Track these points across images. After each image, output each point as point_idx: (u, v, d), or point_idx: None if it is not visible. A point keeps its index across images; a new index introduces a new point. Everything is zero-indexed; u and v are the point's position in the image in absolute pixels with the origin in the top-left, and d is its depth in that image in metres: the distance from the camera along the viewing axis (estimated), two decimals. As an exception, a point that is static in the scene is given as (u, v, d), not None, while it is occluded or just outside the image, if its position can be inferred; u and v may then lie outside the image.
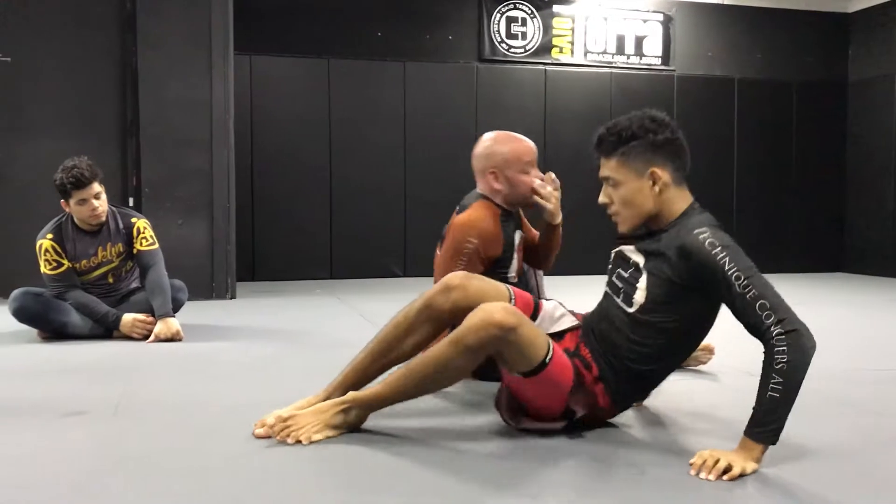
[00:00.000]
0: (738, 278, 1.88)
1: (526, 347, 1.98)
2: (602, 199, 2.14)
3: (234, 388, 2.73)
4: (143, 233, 3.86)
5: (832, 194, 8.23)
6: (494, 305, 1.99)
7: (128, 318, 3.72)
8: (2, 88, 5.25)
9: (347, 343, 3.65)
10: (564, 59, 7.57)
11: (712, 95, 7.91)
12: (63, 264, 3.73)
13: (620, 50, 7.69)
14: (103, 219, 3.76)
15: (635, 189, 2.06)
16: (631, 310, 2.06)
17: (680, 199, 2.08)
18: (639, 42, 7.74)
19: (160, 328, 3.66)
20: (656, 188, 2.05)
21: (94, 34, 5.38)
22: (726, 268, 1.89)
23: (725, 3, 7.94)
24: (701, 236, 1.93)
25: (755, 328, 1.88)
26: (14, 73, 5.25)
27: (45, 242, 3.72)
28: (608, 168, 2.10)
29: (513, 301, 2.24)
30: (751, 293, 1.87)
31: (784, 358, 1.81)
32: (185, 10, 5.36)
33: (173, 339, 3.65)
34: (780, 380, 1.81)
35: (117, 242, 3.82)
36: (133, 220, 3.88)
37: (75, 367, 3.09)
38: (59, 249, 3.72)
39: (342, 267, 6.97)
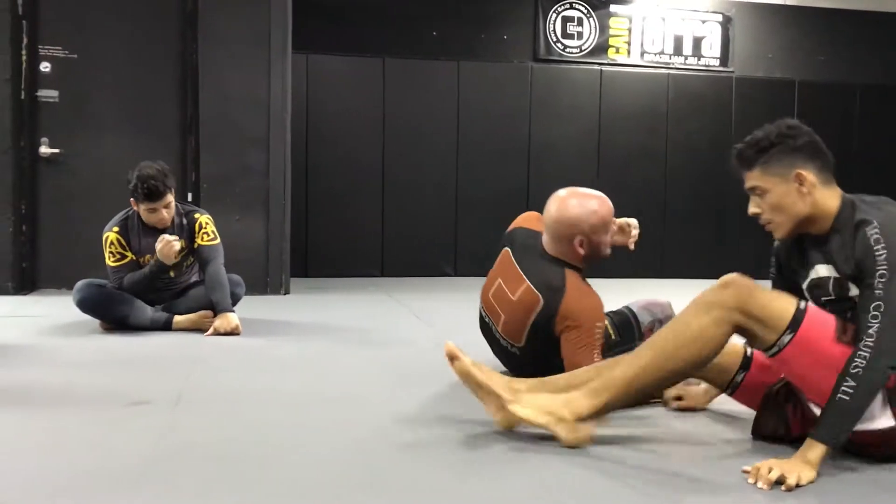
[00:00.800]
0: (881, 276, 1.87)
1: (773, 300, 1.96)
2: (753, 209, 2.15)
3: (290, 382, 2.77)
4: (206, 227, 3.93)
5: None
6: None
7: (160, 248, 3.71)
8: (68, 84, 5.38)
9: (400, 340, 3.68)
10: (621, 59, 7.50)
11: (772, 98, 7.74)
12: (126, 256, 3.82)
13: (678, 51, 7.59)
14: (169, 224, 3.84)
15: (783, 193, 2.07)
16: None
17: (831, 198, 2.08)
18: (697, 43, 7.63)
19: (220, 322, 3.72)
20: (804, 189, 2.05)
21: (156, 31, 5.49)
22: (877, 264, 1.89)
23: (787, 3, 7.78)
24: (870, 232, 1.92)
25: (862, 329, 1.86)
26: (79, 70, 5.38)
27: (110, 235, 3.81)
28: (753, 179, 2.11)
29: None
30: (879, 293, 1.86)
31: (863, 364, 1.79)
32: (245, 9, 5.44)
33: (232, 333, 3.71)
34: (853, 384, 1.78)
35: (181, 238, 3.89)
36: (196, 215, 3.95)
37: (137, 359, 3.16)
38: (123, 242, 3.81)
39: (394, 265, 7.00)
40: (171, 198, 3.79)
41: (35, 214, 5.36)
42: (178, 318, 3.83)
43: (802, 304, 1.95)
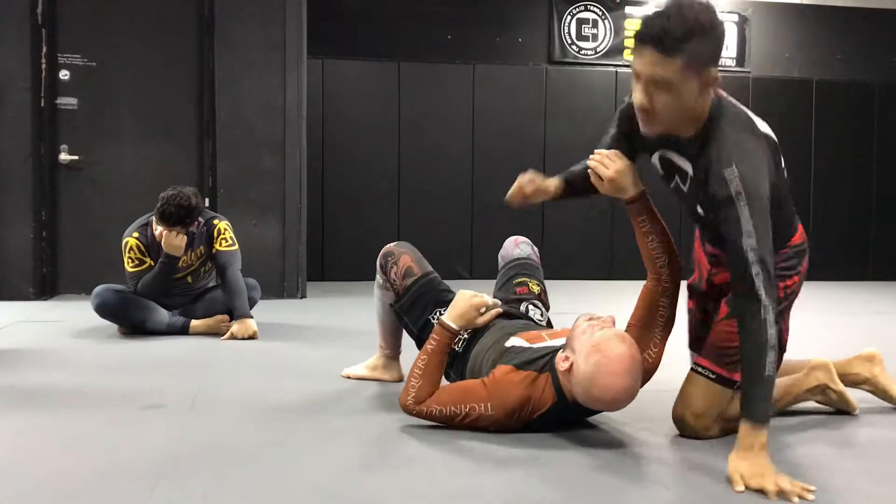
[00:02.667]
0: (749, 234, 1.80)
1: None
2: (642, 99, 1.86)
3: (306, 385, 2.78)
4: (224, 234, 3.96)
5: (916, 200, 7.93)
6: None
7: (166, 243, 3.74)
8: (86, 92, 5.44)
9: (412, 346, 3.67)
10: (636, 60, 7.46)
11: (789, 98, 7.69)
12: (145, 262, 3.86)
13: (694, 51, 7.55)
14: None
15: (689, 94, 1.84)
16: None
17: (708, 100, 1.91)
18: (713, 43, 7.58)
19: (238, 328, 3.75)
20: (705, 91, 1.87)
21: (173, 38, 5.55)
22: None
23: (804, 2, 7.72)
24: (728, 177, 1.81)
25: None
26: (97, 78, 5.45)
27: (130, 240, 3.86)
28: (669, 68, 1.79)
29: None
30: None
31: (774, 333, 1.80)
32: (261, 15, 5.48)
33: (250, 338, 3.74)
34: (771, 357, 1.80)
35: (199, 245, 3.93)
36: (215, 221, 3.99)
37: (154, 363, 3.19)
38: (143, 248, 3.85)
39: (410, 268, 7.01)
40: (182, 231, 3.77)
41: (55, 220, 5.43)
42: (194, 323, 3.87)
43: None
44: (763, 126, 2.03)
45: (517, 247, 2.83)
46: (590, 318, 2.04)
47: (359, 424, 2.26)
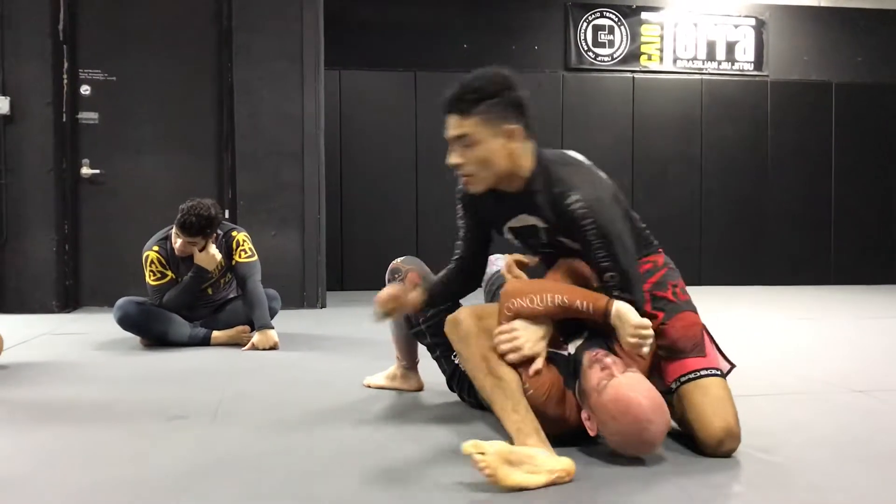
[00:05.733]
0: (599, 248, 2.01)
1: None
2: (455, 160, 2.09)
3: (327, 395, 2.79)
4: (243, 245, 3.99)
5: (939, 202, 7.84)
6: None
7: (200, 258, 3.82)
8: (107, 106, 5.51)
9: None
10: (653, 66, 7.46)
11: (808, 101, 7.65)
12: (167, 275, 3.89)
13: (711, 56, 7.53)
14: (186, 255, 3.87)
15: (492, 147, 2.05)
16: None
17: (528, 156, 2.09)
18: (730, 47, 7.56)
19: (259, 339, 3.76)
20: (513, 145, 2.05)
21: (191, 52, 5.60)
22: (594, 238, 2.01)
23: (822, 5, 7.68)
24: (573, 206, 2.01)
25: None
26: (117, 92, 5.51)
27: (151, 254, 3.89)
28: (465, 127, 2.05)
29: None
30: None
31: None
32: (278, 27, 5.52)
33: (272, 349, 3.75)
34: None
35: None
36: (233, 233, 4.01)
37: (176, 374, 3.21)
38: (164, 261, 3.89)
39: (429, 277, 7.01)
40: (200, 241, 3.82)
41: (77, 234, 5.49)
42: (216, 334, 3.89)
43: None
44: (590, 163, 2.23)
45: (493, 264, 2.79)
46: (593, 362, 1.95)
47: (380, 434, 2.26)
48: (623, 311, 1.94)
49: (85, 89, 5.48)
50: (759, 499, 1.73)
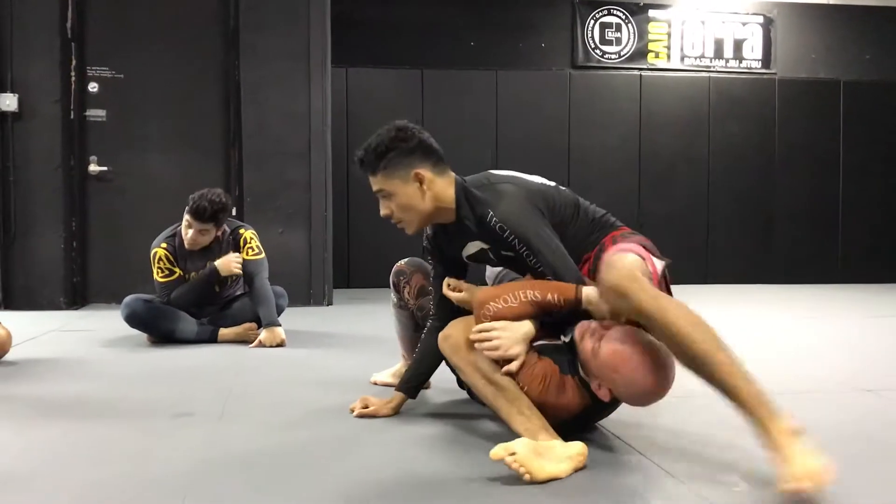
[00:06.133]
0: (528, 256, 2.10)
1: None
2: (384, 211, 2.26)
3: (334, 393, 2.79)
4: (250, 242, 4.00)
5: (948, 201, 7.81)
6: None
7: (221, 263, 3.86)
8: (115, 104, 5.52)
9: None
10: (660, 64, 7.44)
11: (816, 99, 7.62)
12: (175, 272, 3.90)
13: (719, 54, 7.51)
14: (197, 249, 3.91)
15: (407, 194, 2.19)
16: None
17: (449, 188, 2.23)
18: (738, 45, 7.54)
19: (266, 336, 3.77)
20: (424, 187, 2.19)
21: (199, 50, 5.61)
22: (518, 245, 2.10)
23: (830, 2, 7.65)
24: (492, 224, 2.11)
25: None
26: (125, 89, 5.52)
27: (159, 251, 3.91)
28: (377, 183, 2.22)
29: None
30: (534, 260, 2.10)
31: None
32: (285, 25, 5.53)
33: (279, 346, 3.76)
34: None
35: (226, 253, 3.97)
36: (241, 230, 4.04)
37: (183, 371, 3.22)
38: (172, 258, 3.90)
39: (435, 275, 7.01)
40: (211, 229, 3.85)
41: (85, 231, 5.50)
42: (223, 331, 3.90)
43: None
44: (512, 174, 2.32)
45: None
46: (584, 333, 1.96)
47: (387, 431, 2.26)
48: (592, 294, 2.00)
49: (93, 87, 5.50)
50: (768, 497, 1.72)
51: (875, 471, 1.94)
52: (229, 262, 3.88)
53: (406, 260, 2.79)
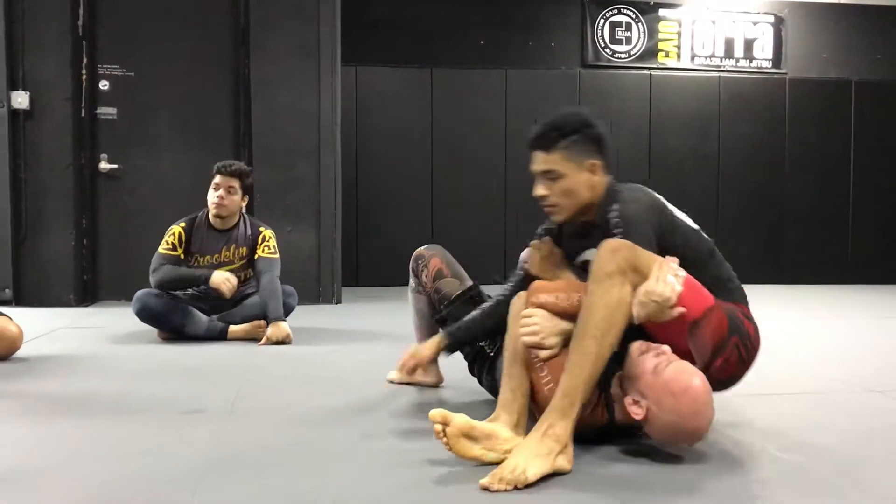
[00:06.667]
0: None
1: (650, 262, 1.96)
2: (541, 192, 2.24)
3: (343, 390, 2.80)
4: (268, 241, 4.06)
5: (959, 201, 7.76)
6: (607, 241, 1.99)
7: (218, 274, 3.88)
8: (125, 102, 5.54)
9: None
10: (670, 63, 7.42)
11: (827, 99, 7.59)
12: (177, 251, 3.96)
13: (729, 53, 7.49)
14: (224, 214, 3.99)
15: (576, 180, 2.20)
16: None
17: (603, 186, 2.24)
18: (748, 45, 7.51)
19: (272, 331, 3.79)
20: (595, 178, 2.21)
21: (209, 48, 5.63)
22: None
23: (841, 2, 7.61)
24: (611, 216, 2.11)
25: None
26: (136, 88, 5.54)
27: (176, 228, 4.00)
28: (550, 162, 2.20)
29: None
30: None
31: None
32: (295, 24, 5.54)
33: (284, 341, 3.77)
34: None
35: (242, 246, 4.04)
36: (261, 228, 4.12)
37: (193, 368, 3.23)
38: (183, 238, 3.98)
39: (444, 274, 7.01)
40: (235, 183, 3.99)
41: (95, 228, 5.53)
42: (233, 328, 3.92)
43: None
44: (661, 198, 2.25)
45: None
46: (645, 351, 1.96)
47: (396, 429, 2.26)
48: (638, 295, 1.93)
49: (104, 85, 5.52)
50: (777, 499, 1.72)
51: (884, 473, 1.93)
52: (222, 279, 3.86)
53: (426, 245, 2.80)
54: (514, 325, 2.10)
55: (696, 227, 2.28)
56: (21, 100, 5.20)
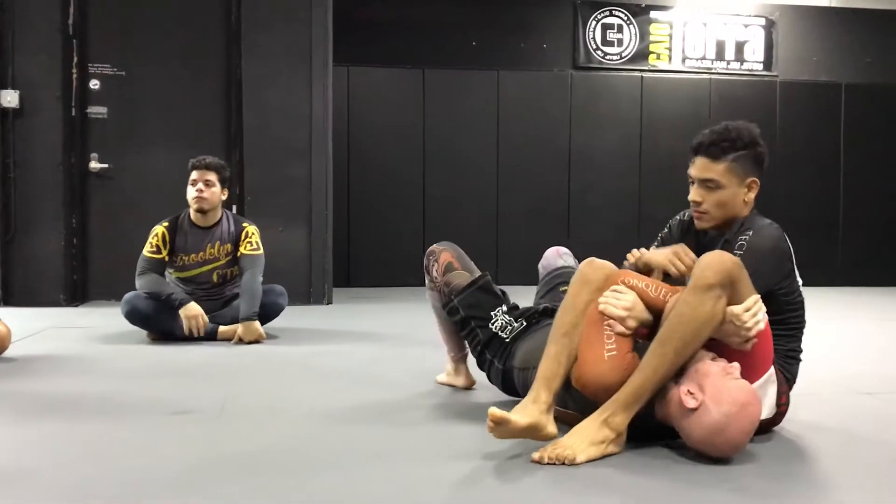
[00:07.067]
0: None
1: (749, 289, 1.99)
2: (696, 197, 2.25)
3: (332, 391, 2.79)
4: (250, 237, 4.03)
5: (948, 204, 7.81)
6: (719, 251, 2.02)
7: (194, 307, 3.83)
8: (116, 101, 5.52)
9: (439, 349, 3.67)
10: (662, 65, 7.44)
11: (817, 102, 7.62)
12: (161, 253, 3.93)
13: (720, 56, 7.51)
14: (206, 207, 3.96)
15: (734, 194, 2.22)
16: None
17: (751, 205, 2.28)
18: (739, 47, 7.54)
19: (242, 331, 3.79)
20: (750, 195, 2.24)
21: (200, 48, 5.61)
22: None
23: (832, 5, 7.65)
24: (740, 239, 2.15)
25: None
26: (127, 87, 5.53)
27: (159, 228, 3.97)
28: (714, 171, 2.21)
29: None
30: None
31: None
32: (287, 24, 5.53)
33: (256, 341, 3.78)
34: None
35: (227, 243, 4.02)
36: (244, 224, 4.09)
37: (183, 368, 3.22)
38: (167, 238, 3.95)
39: (435, 274, 7.01)
40: (212, 177, 3.96)
41: (85, 228, 5.51)
42: (222, 329, 3.91)
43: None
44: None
45: (560, 257, 2.86)
46: (716, 359, 1.99)
47: (387, 432, 2.26)
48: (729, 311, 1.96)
49: (94, 84, 5.50)
50: (766, 500, 1.73)
51: (869, 474, 1.94)
52: (194, 314, 3.81)
53: (438, 242, 2.79)
54: (586, 292, 2.11)
55: (802, 296, 2.29)
56: (11, 98, 5.18)
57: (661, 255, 2.26)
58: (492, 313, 2.50)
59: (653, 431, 2.07)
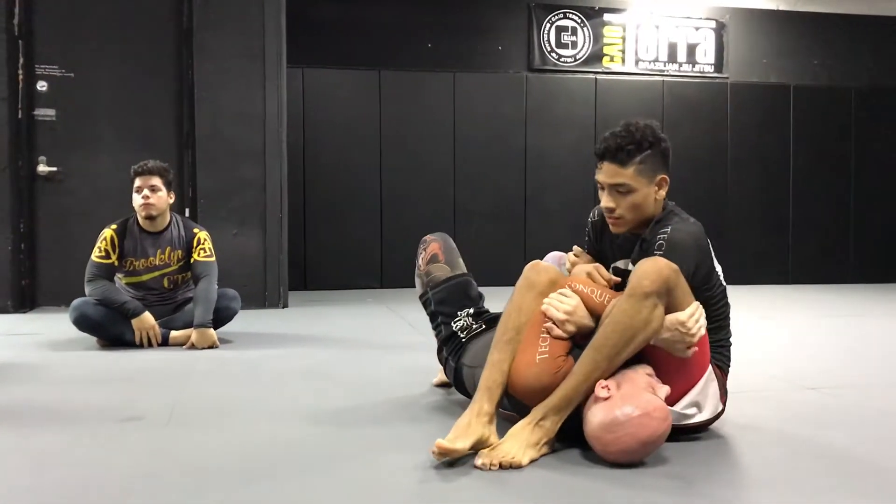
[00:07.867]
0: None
1: (687, 293, 2.01)
2: (609, 204, 2.21)
3: (286, 395, 2.77)
4: (203, 244, 3.97)
5: (894, 203, 8.01)
6: (655, 258, 2.02)
7: (148, 318, 3.79)
8: (64, 103, 5.42)
9: (395, 351, 3.66)
10: (615, 67, 7.53)
11: (767, 103, 7.78)
12: (110, 258, 3.86)
13: (672, 58, 7.62)
14: (154, 213, 3.88)
15: (646, 195, 2.20)
16: None
17: (662, 203, 2.28)
18: (691, 50, 7.66)
19: (196, 338, 3.75)
20: (661, 192, 2.23)
21: (151, 49, 5.53)
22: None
23: (780, 8, 7.81)
24: (658, 236, 2.13)
25: None
26: (75, 89, 5.42)
27: (107, 232, 3.89)
28: (624, 176, 2.17)
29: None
30: None
31: None
32: (239, 25, 5.48)
33: (210, 348, 3.75)
34: None
35: (177, 249, 3.96)
36: (195, 230, 4.02)
37: (132, 375, 3.17)
38: (116, 242, 3.86)
39: (393, 276, 7.02)
40: (158, 182, 3.88)
41: (33, 233, 5.39)
42: (174, 334, 3.86)
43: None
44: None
45: (562, 266, 2.86)
46: (652, 376, 2.00)
47: (340, 435, 2.25)
48: (667, 320, 1.97)
49: (41, 85, 5.39)
50: (710, 497, 1.75)
51: (791, 471, 1.98)
52: (148, 326, 3.78)
53: (434, 232, 2.76)
54: (530, 296, 2.13)
55: (724, 284, 2.30)
56: (-46, 101, 5.06)
57: (581, 276, 2.25)
58: (458, 312, 2.51)
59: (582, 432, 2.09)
